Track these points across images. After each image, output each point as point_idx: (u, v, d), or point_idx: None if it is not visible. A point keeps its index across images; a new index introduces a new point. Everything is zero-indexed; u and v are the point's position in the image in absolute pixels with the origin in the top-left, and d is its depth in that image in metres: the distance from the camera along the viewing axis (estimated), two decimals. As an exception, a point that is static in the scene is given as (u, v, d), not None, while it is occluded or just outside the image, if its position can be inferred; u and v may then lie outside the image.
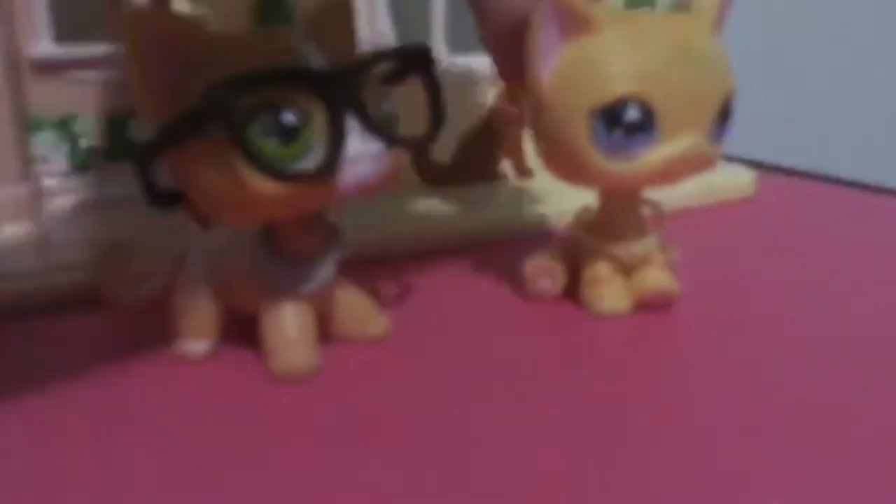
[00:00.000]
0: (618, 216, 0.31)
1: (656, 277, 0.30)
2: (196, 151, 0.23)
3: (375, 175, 0.24)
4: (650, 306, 0.30)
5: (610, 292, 0.30)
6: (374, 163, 0.24)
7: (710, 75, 0.27)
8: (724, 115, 0.28)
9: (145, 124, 0.24)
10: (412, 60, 0.27)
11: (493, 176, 0.46)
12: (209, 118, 0.22)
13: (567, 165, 0.29)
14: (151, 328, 0.28)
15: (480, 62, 0.44)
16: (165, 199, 0.25)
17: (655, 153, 0.27)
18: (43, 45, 0.40)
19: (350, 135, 0.24)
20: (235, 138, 0.22)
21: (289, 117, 0.23)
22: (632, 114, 0.27)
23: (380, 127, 0.24)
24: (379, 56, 0.26)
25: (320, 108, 0.23)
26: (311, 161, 0.23)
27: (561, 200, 0.40)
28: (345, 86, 0.24)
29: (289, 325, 0.26)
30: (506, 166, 0.46)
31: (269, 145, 0.22)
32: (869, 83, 0.75)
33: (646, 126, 0.27)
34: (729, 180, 0.48)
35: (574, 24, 0.27)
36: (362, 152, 0.24)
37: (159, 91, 0.23)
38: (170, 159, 0.24)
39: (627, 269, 0.31)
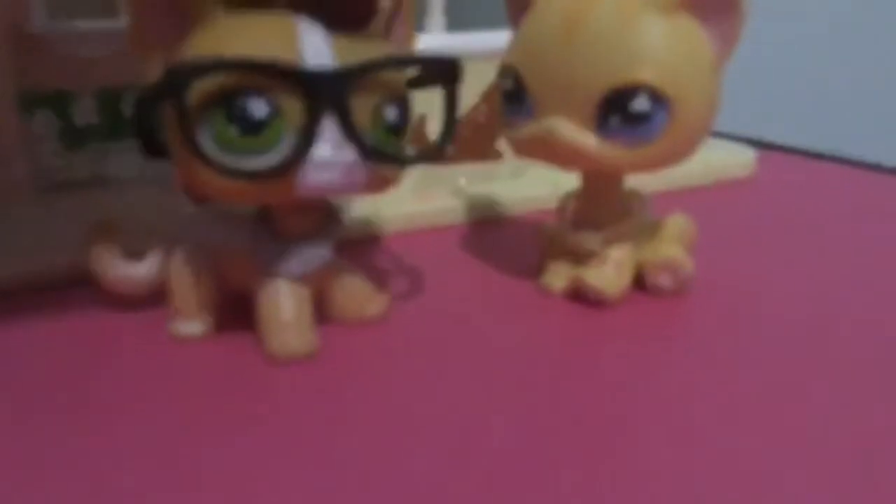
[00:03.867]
0: (587, 204, 0.31)
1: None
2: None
3: (342, 185, 0.23)
4: (654, 289, 0.31)
5: (554, 269, 0.31)
6: (342, 172, 0.23)
7: (592, 62, 0.25)
8: (618, 109, 0.25)
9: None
10: (438, 72, 0.26)
11: (493, 155, 0.45)
12: (166, 98, 0.22)
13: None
14: (146, 309, 0.28)
15: (479, 40, 0.44)
16: (158, 149, 0.23)
17: (525, 128, 0.27)
18: (38, 22, 0.40)
19: (322, 140, 0.22)
20: (181, 127, 0.21)
21: (257, 110, 0.22)
22: (507, 83, 0.28)
23: (360, 137, 0.23)
24: (403, 61, 0.25)
25: (299, 106, 0.22)
26: (272, 157, 0.22)
27: (561, 181, 0.40)
28: (331, 88, 0.22)
29: (285, 306, 0.25)
30: (504, 146, 0.46)
31: (228, 132, 0.22)
32: (870, 61, 0.74)
33: (519, 98, 0.27)
34: (729, 159, 0.48)
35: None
36: (331, 160, 0.23)
37: (157, 46, 0.23)
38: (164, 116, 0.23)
39: (578, 258, 0.30)
